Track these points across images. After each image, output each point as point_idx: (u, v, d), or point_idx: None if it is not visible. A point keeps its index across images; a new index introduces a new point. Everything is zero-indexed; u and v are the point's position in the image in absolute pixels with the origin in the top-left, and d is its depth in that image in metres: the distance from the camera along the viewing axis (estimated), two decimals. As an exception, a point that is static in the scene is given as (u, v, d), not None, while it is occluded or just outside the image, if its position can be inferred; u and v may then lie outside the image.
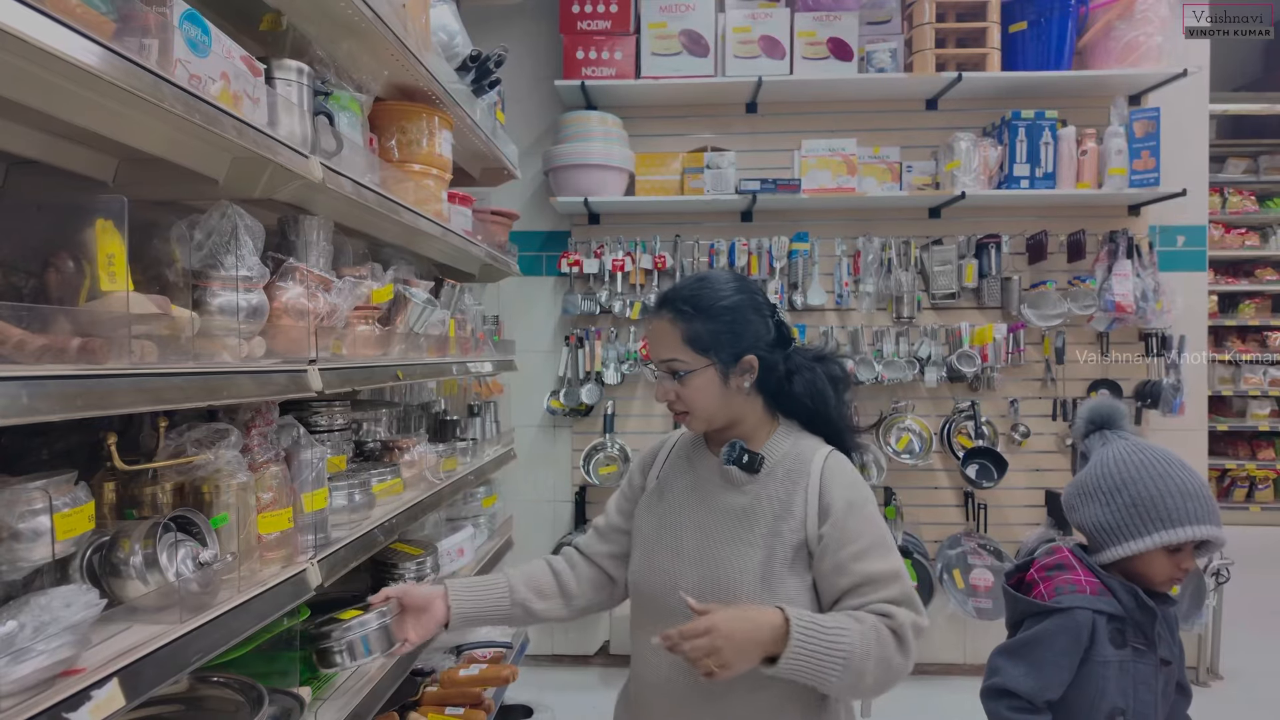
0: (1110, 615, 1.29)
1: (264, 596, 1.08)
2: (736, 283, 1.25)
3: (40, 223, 0.93)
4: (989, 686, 1.36)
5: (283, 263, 1.23)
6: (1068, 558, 1.38)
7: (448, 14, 2.14)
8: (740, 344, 1.21)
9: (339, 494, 1.41)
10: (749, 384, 1.22)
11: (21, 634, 0.75)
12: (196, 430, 1.07)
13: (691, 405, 1.22)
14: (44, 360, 0.75)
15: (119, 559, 0.94)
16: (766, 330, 1.24)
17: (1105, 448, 1.38)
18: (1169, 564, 1.30)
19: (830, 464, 1.20)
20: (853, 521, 1.15)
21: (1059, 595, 1.32)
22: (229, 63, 1.09)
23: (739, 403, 1.23)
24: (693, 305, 1.21)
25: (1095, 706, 1.29)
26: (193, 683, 1.17)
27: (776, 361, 1.23)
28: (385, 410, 2.14)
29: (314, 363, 1.24)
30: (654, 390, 1.27)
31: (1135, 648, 1.29)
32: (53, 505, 0.82)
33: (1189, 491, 1.28)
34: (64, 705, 0.74)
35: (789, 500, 1.19)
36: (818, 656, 1.05)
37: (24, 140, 1.13)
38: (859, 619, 1.10)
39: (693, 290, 1.23)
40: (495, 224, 2.65)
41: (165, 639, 0.90)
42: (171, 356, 0.94)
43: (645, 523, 1.31)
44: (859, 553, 1.14)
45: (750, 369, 1.21)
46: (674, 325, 1.21)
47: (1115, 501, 1.31)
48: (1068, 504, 1.43)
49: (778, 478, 1.21)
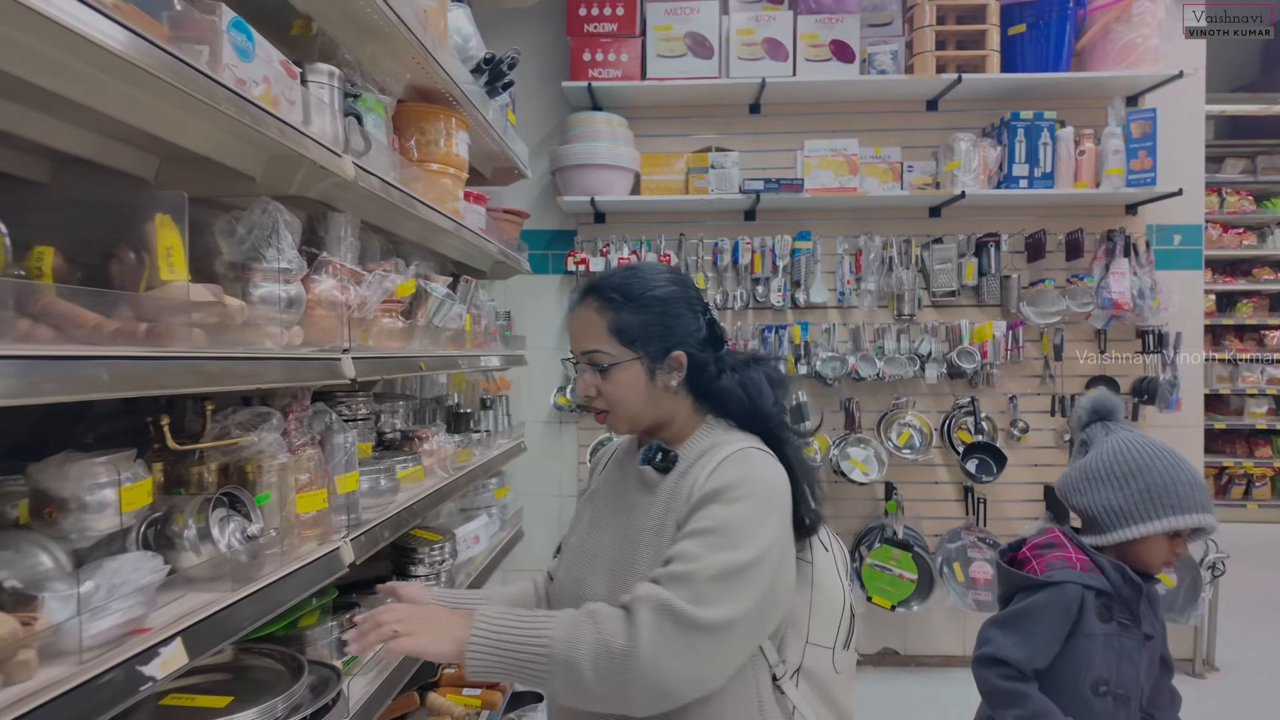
0: (1099, 591, 1.36)
1: (303, 571, 1.15)
2: (670, 274, 1.17)
3: (101, 216, 1.00)
4: (980, 655, 1.43)
5: (316, 256, 1.30)
6: (1059, 537, 1.46)
7: (463, 17, 2.21)
8: (670, 338, 1.12)
9: (366, 478, 1.48)
10: (676, 382, 1.13)
11: (97, 594, 0.81)
12: (240, 414, 1.13)
13: (614, 402, 1.12)
14: (117, 343, 0.81)
15: (173, 532, 1.01)
16: (698, 327, 1.15)
17: (1110, 437, 1.45)
18: (1167, 548, 1.39)
19: (734, 456, 1.08)
20: (714, 504, 1.03)
21: (1051, 570, 1.39)
22: (270, 66, 1.16)
23: (666, 402, 1.14)
24: (622, 293, 1.11)
25: (1080, 677, 1.36)
26: (236, 653, 1.23)
27: (707, 361, 1.14)
28: (402, 402, 2.20)
29: (347, 351, 1.31)
30: None
31: (1121, 622, 1.37)
32: (120, 479, 0.89)
33: (1196, 483, 1.37)
34: (137, 659, 0.81)
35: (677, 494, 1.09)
36: (507, 643, 0.95)
37: (72, 139, 1.20)
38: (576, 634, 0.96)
39: (623, 278, 1.14)
40: (507, 222, 2.72)
41: (218, 605, 0.97)
42: (221, 343, 1.00)
43: (573, 530, 1.24)
44: (694, 531, 1.01)
45: (679, 366, 1.13)
46: (600, 314, 1.12)
47: (1130, 486, 1.38)
48: (1071, 487, 1.50)
49: (680, 472, 1.12)
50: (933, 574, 3.45)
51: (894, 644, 3.67)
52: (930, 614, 3.54)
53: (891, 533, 3.43)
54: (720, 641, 0.96)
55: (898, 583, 3.39)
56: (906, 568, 3.39)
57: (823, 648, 1.16)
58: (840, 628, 1.19)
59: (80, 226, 1.08)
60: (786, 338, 3.53)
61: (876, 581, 3.39)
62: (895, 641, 3.67)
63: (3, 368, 0.65)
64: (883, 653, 3.66)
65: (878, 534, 3.48)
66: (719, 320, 1.19)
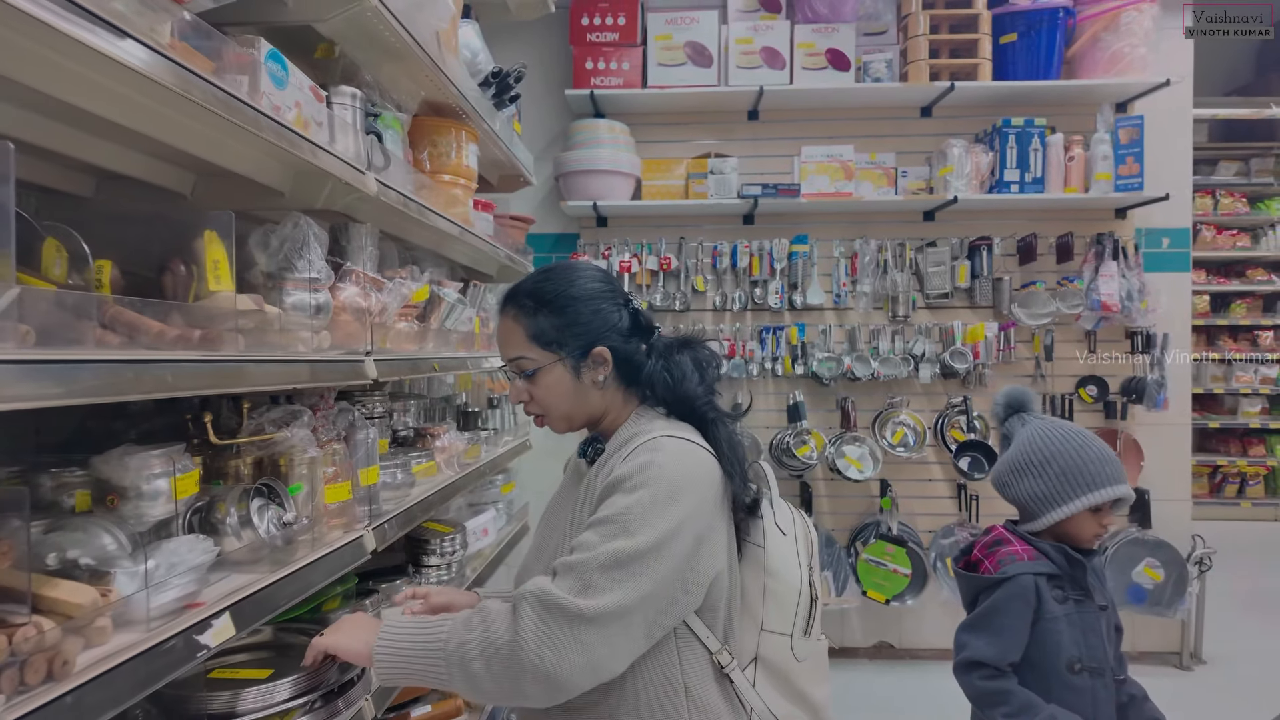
0: (1049, 575, 1.46)
1: (331, 556, 1.25)
2: (586, 271, 1.17)
3: (152, 231, 1.10)
4: (959, 662, 1.52)
5: (341, 266, 1.40)
6: (1003, 533, 1.56)
7: (471, 33, 2.31)
8: (589, 335, 1.13)
9: (386, 472, 1.58)
10: (603, 377, 1.14)
11: (158, 571, 0.91)
12: (274, 411, 1.24)
13: (545, 405, 1.14)
14: (176, 348, 0.92)
15: (216, 519, 1.11)
16: (619, 319, 1.15)
17: (1026, 428, 1.56)
18: (1093, 522, 1.49)
19: (644, 445, 1.07)
20: (616, 494, 1.02)
21: (1003, 567, 1.49)
22: (301, 92, 1.26)
23: (595, 398, 1.15)
24: (535, 299, 1.13)
25: (1055, 660, 1.45)
26: (275, 632, 1.33)
27: (633, 351, 1.15)
28: (414, 401, 2.30)
29: (369, 354, 1.41)
30: None
31: (1075, 599, 1.47)
32: (174, 469, 0.99)
33: (1105, 458, 1.47)
34: (194, 629, 0.91)
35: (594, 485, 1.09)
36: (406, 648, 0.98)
37: (116, 157, 1.30)
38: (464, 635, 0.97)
39: (535, 283, 1.15)
40: (513, 228, 2.82)
41: (259, 585, 1.07)
42: (261, 346, 1.10)
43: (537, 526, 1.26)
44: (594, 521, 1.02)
45: (603, 361, 1.13)
46: (517, 321, 1.13)
47: (1047, 472, 1.48)
48: (1000, 481, 1.60)
49: (600, 463, 1.13)
50: (926, 569, 3.54)
51: (889, 637, 3.77)
52: (924, 608, 3.64)
53: (886, 528, 3.52)
54: (609, 630, 0.95)
55: (892, 577, 3.49)
56: (901, 563, 3.49)
57: (779, 634, 1.14)
58: (798, 614, 1.15)
59: (130, 240, 1.18)
60: (784, 338, 3.63)
61: (871, 576, 3.49)
62: (891, 635, 3.77)
63: (89, 370, 0.75)
64: (878, 646, 3.76)
65: (873, 530, 3.57)
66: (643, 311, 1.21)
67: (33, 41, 0.81)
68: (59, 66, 0.87)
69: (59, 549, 0.88)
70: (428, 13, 1.57)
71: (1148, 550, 3.49)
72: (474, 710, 1.98)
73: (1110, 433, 3.62)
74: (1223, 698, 3.31)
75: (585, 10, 3.52)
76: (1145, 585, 3.48)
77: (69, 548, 0.89)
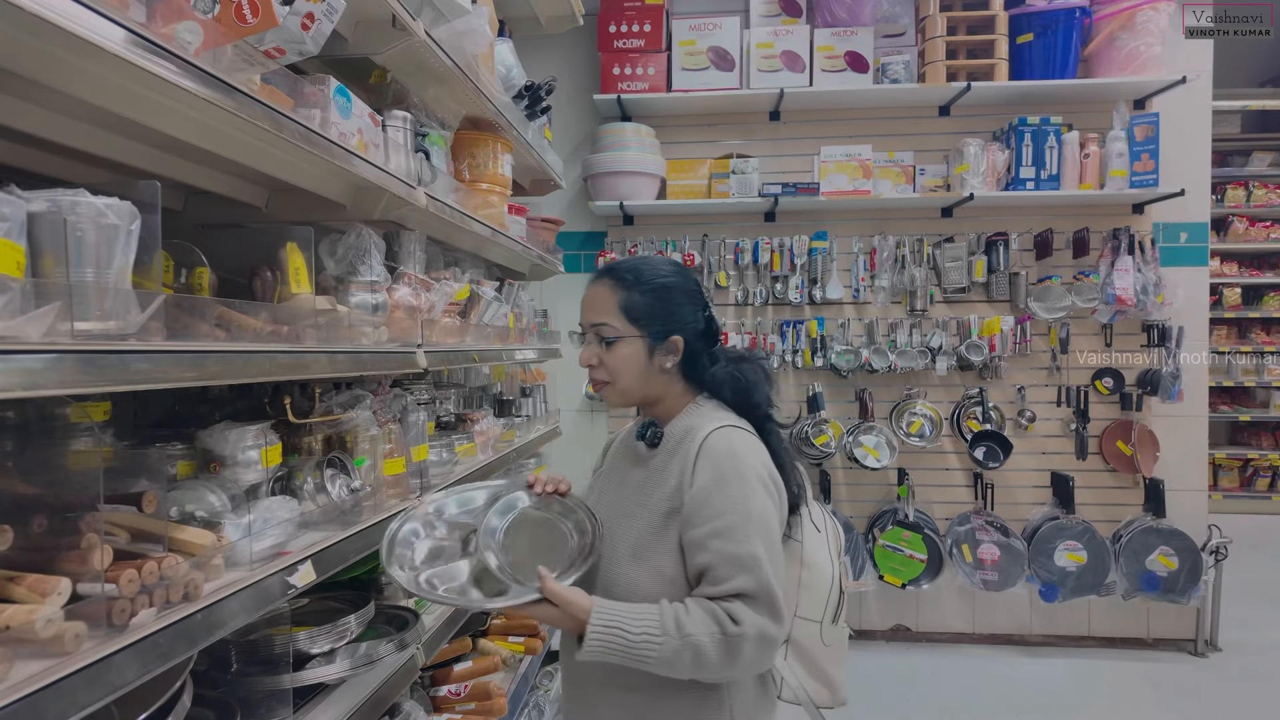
0: None
1: (390, 520, 1.45)
2: (676, 268, 1.28)
3: (242, 242, 1.30)
4: None
5: (395, 269, 1.60)
6: None
7: (506, 50, 2.49)
8: (671, 324, 1.22)
9: (433, 451, 1.78)
10: (671, 364, 1.23)
11: (255, 524, 1.12)
12: (341, 395, 1.44)
13: (613, 373, 1.22)
14: (269, 341, 1.12)
15: (295, 485, 1.32)
16: (696, 320, 1.25)
17: None
18: None
19: (712, 439, 1.17)
20: (717, 496, 1.12)
21: None
22: (362, 120, 1.46)
23: (658, 381, 1.24)
24: (634, 275, 1.23)
25: None
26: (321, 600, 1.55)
27: (701, 350, 1.26)
28: (453, 390, 2.51)
29: (420, 346, 1.61)
30: None
31: None
32: (265, 442, 1.19)
33: None
34: (284, 571, 1.11)
35: (667, 470, 1.19)
36: (617, 656, 1.05)
37: (206, 178, 1.51)
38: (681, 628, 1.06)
39: (638, 263, 1.25)
40: (544, 229, 3.01)
41: (332, 540, 1.27)
42: (334, 340, 1.30)
43: None
44: (719, 530, 1.11)
45: (675, 350, 1.23)
46: (612, 291, 1.22)
47: None
48: None
49: (674, 452, 1.21)
50: (942, 555, 3.66)
51: (906, 621, 3.90)
52: (940, 593, 3.76)
53: (903, 515, 3.65)
54: None
55: (908, 562, 3.62)
56: (916, 548, 3.62)
57: (811, 621, 1.24)
58: (829, 603, 1.26)
59: (220, 249, 1.39)
60: (804, 332, 3.77)
61: (888, 561, 3.63)
62: (908, 618, 3.90)
63: (213, 359, 0.95)
64: (895, 629, 3.89)
65: (890, 516, 3.71)
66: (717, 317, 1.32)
67: (164, 97, 1.01)
68: (181, 115, 1.08)
69: (179, 504, 1.09)
70: (469, 41, 1.75)
71: (1162, 539, 3.57)
72: (509, 668, 2.19)
73: (1126, 424, 3.70)
74: (1235, 684, 3.38)
75: (612, 19, 3.69)
76: (1159, 573, 3.56)
77: (186, 503, 1.09)
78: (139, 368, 0.84)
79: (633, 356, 1.21)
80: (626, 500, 1.23)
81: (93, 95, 0.97)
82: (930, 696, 3.29)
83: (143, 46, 0.86)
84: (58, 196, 0.83)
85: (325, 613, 1.48)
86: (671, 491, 1.17)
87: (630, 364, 1.22)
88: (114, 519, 0.96)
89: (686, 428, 1.22)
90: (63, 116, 1.08)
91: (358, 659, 1.36)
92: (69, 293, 0.79)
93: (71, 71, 0.92)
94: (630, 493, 1.23)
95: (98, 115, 1.06)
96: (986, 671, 3.49)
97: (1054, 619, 3.79)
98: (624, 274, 1.23)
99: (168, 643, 0.88)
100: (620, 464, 1.31)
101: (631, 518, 1.19)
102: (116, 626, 0.84)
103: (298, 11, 1.09)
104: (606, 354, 1.22)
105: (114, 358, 0.81)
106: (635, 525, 1.18)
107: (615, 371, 1.22)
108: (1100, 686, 3.37)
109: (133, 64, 0.84)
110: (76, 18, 0.78)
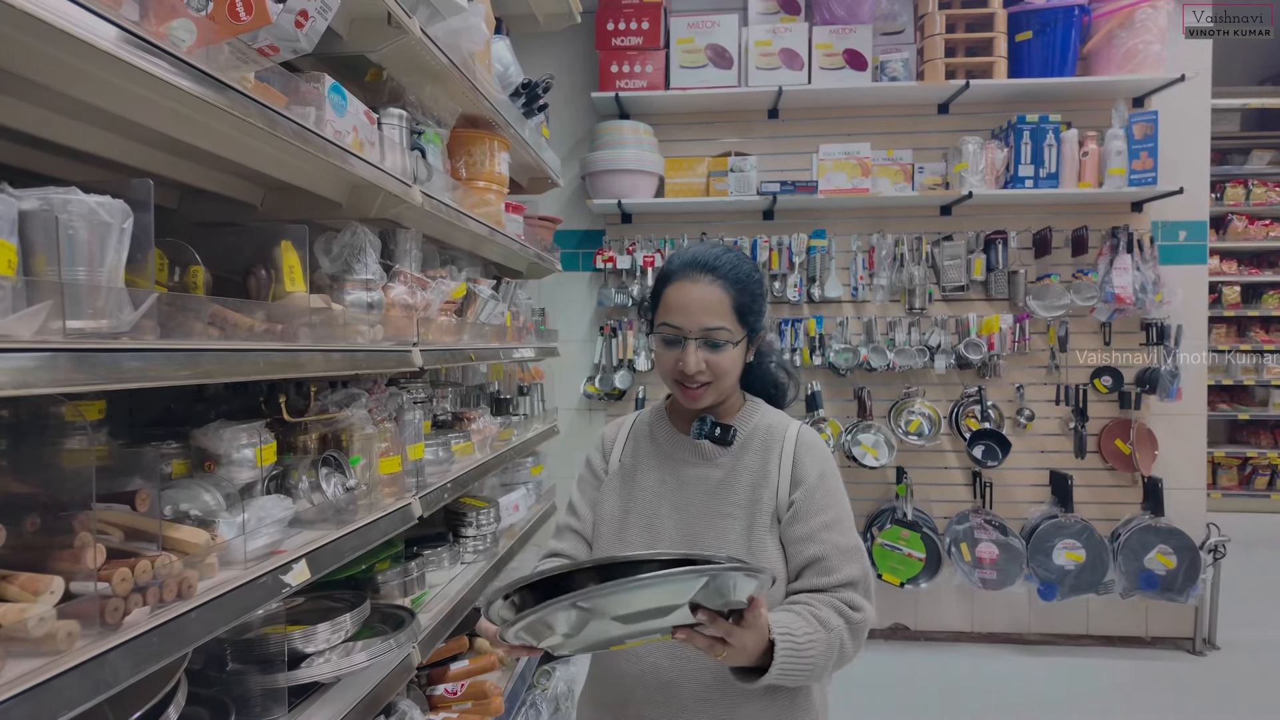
0: None
1: (385, 518, 1.45)
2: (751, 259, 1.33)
3: (237, 240, 1.30)
4: None
5: (391, 267, 1.60)
6: None
7: (503, 48, 2.49)
8: (762, 320, 1.21)
9: (429, 449, 1.78)
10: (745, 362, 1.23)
11: (250, 523, 1.12)
12: (337, 394, 1.44)
13: (719, 374, 1.16)
14: (264, 340, 1.11)
15: (290, 484, 1.31)
16: None
17: None
18: None
19: (804, 435, 1.22)
20: (822, 492, 1.17)
21: None
22: (357, 118, 1.45)
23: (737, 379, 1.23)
24: (739, 273, 1.17)
25: None
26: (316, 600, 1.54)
27: None
28: (450, 388, 2.51)
29: (416, 345, 1.61)
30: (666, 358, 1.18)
31: None
32: (260, 441, 1.19)
33: None
34: (279, 570, 1.11)
35: (764, 468, 1.19)
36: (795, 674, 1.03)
37: (202, 176, 1.51)
38: (825, 624, 1.07)
39: (738, 261, 1.19)
40: (541, 228, 3.01)
41: (327, 539, 1.27)
42: (329, 338, 1.30)
43: (612, 506, 1.25)
44: (829, 523, 1.15)
45: (756, 346, 1.23)
46: (724, 293, 1.15)
47: None
48: None
49: (753, 449, 1.21)
50: (941, 554, 3.66)
51: (905, 619, 3.90)
52: (939, 591, 3.76)
53: (901, 514, 3.65)
54: None
55: (907, 561, 3.62)
56: (915, 547, 3.62)
57: None
58: None
59: (215, 247, 1.39)
60: (802, 330, 3.77)
61: (886, 560, 3.63)
62: (906, 617, 3.90)
63: (207, 357, 0.95)
64: (894, 628, 3.89)
65: (889, 515, 3.71)
66: None
67: (157, 94, 1.00)
68: (175, 112, 1.07)
69: (174, 503, 1.09)
70: (465, 38, 1.75)
71: (1160, 537, 3.57)
72: (506, 667, 2.19)
73: (1125, 422, 3.70)
74: (1232, 682, 3.38)
75: (610, 16, 3.68)
76: (1157, 571, 3.56)
77: (181, 502, 1.09)
78: (131, 366, 0.84)
79: (739, 357, 1.19)
80: (708, 499, 1.19)
81: (85, 93, 0.97)
82: (929, 695, 3.29)
83: (135, 44, 0.86)
84: (50, 194, 0.83)
85: (321, 611, 1.48)
86: (770, 489, 1.18)
87: (737, 364, 1.19)
88: (107, 517, 0.96)
89: (765, 424, 1.24)
90: (55, 114, 1.08)
91: (353, 658, 1.36)
92: (61, 291, 0.79)
93: (64, 69, 0.92)
94: (707, 494, 1.20)
95: (91, 113, 1.06)
96: (985, 670, 3.50)
97: (1052, 618, 3.79)
98: (727, 271, 1.17)
99: (161, 641, 0.88)
100: (671, 465, 1.24)
101: (727, 516, 1.18)
102: (109, 625, 0.84)
103: (291, 9, 1.09)
104: (715, 356, 1.15)
105: (106, 356, 0.81)
106: (735, 526, 1.17)
107: (722, 372, 1.16)
108: (1099, 685, 3.37)
109: (125, 61, 0.84)
110: (68, 15, 0.77)
